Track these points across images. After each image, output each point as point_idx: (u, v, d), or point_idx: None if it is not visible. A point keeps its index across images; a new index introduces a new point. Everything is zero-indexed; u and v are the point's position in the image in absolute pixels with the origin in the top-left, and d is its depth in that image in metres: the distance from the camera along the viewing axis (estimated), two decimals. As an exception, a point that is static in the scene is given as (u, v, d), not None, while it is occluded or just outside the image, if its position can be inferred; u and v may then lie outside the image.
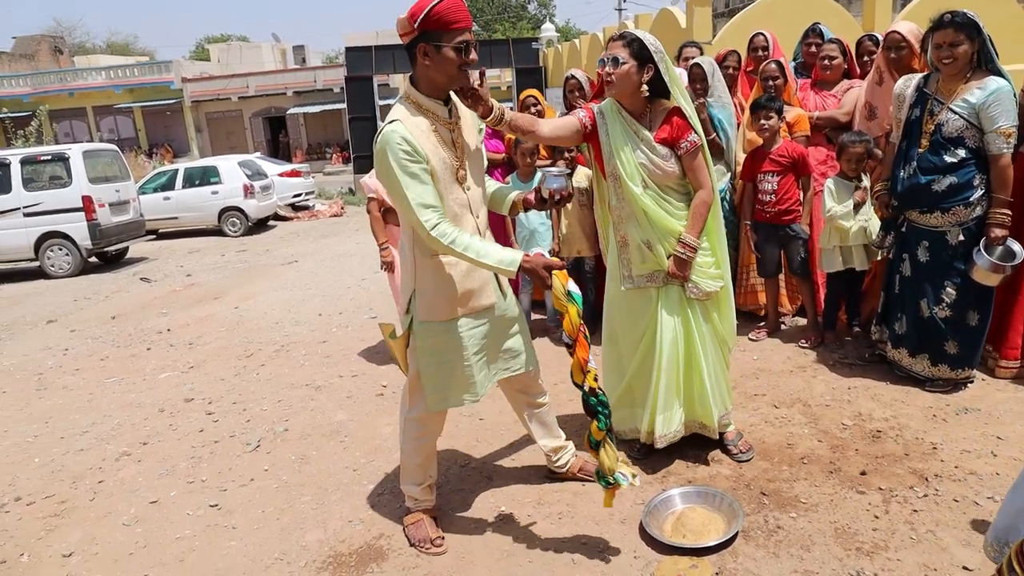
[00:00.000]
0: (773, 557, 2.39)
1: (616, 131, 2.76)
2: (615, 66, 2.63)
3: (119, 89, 27.66)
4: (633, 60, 2.62)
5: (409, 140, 2.18)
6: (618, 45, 2.65)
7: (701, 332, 2.87)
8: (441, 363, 2.45)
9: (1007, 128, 3.15)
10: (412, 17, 2.15)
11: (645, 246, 2.82)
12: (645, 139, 2.72)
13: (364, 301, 6.52)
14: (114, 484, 3.30)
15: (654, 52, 2.62)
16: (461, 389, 2.49)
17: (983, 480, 2.75)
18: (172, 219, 12.92)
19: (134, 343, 5.80)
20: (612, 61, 2.64)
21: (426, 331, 2.42)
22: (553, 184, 2.46)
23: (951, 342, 3.44)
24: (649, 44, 2.63)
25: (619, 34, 2.69)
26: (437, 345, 2.43)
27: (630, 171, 2.74)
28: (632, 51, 2.62)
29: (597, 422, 2.34)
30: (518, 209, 2.61)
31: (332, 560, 2.57)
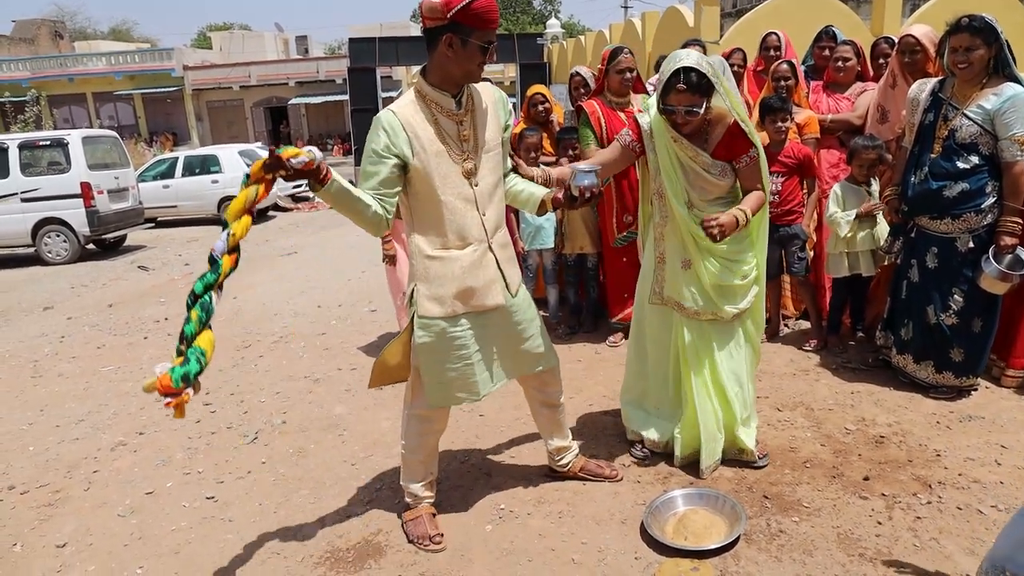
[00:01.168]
0: (775, 561, 2.36)
1: (666, 151, 2.73)
2: (690, 116, 2.60)
3: (119, 75, 27.55)
4: (704, 99, 2.59)
5: (392, 129, 2.20)
6: (688, 93, 2.56)
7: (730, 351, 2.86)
8: (440, 360, 2.41)
9: (1021, 135, 3.11)
10: (447, 6, 2.10)
11: (683, 266, 2.80)
12: (702, 160, 2.69)
13: (364, 294, 6.49)
14: (109, 474, 3.27)
15: (713, 80, 2.56)
16: (459, 388, 2.45)
17: (987, 488, 2.72)
18: (171, 207, 12.87)
19: (131, 331, 5.77)
20: (688, 111, 2.59)
21: (426, 326, 2.38)
22: (584, 181, 2.38)
23: (956, 349, 3.42)
24: (711, 77, 2.56)
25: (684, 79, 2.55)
26: (436, 342, 2.39)
27: (676, 191, 2.72)
28: (703, 93, 2.57)
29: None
30: (547, 208, 2.56)
31: (329, 555, 2.54)
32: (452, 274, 2.34)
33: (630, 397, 3.13)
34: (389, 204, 2.25)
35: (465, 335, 2.39)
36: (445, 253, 2.34)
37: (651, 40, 9.04)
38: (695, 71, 2.54)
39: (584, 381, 3.98)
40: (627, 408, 3.14)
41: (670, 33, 8.00)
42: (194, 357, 2.01)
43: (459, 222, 2.32)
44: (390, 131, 2.21)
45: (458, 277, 2.34)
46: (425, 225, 2.34)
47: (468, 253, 2.35)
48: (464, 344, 2.39)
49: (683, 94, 2.56)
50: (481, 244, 2.38)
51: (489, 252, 2.40)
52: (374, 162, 2.22)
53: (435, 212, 2.31)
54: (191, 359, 2.00)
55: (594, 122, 4.19)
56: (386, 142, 2.20)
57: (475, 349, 2.42)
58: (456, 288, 2.34)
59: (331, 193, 2.13)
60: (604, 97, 4.23)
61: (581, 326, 4.83)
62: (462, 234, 2.34)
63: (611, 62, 4.12)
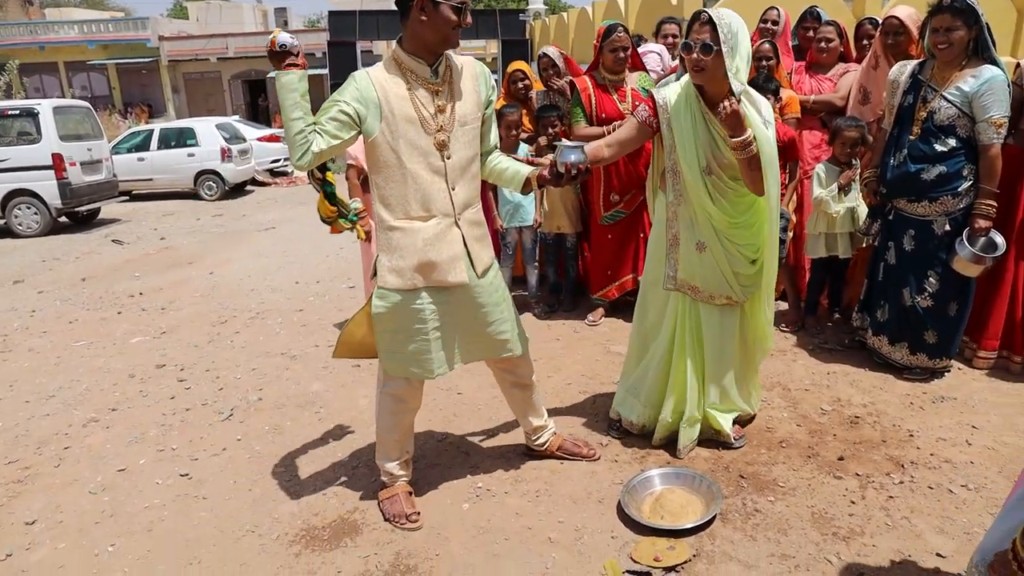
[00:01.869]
0: (750, 540, 2.38)
1: (684, 122, 2.65)
2: (706, 53, 2.46)
3: (92, 44, 26.81)
4: (720, 45, 2.47)
5: (363, 86, 2.20)
6: (707, 30, 2.48)
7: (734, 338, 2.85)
8: (396, 332, 2.37)
9: (998, 118, 3.13)
10: None
11: (698, 248, 2.75)
12: (718, 131, 2.60)
13: (342, 270, 6.42)
14: (81, 451, 3.22)
15: (723, 41, 2.44)
16: (413, 362, 2.41)
17: (957, 468, 2.77)
18: (147, 180, 12.61)
19: (105, 306, 5.66)
20: (703, 48, 2.46)
21: (384, 296, 2.35)
22: (570, 157, 2.34)
23: (930, 331, 3.46)
24: (722, 31, 2.45)
25: (706, 17, 2.50)
26: (393, 313, 2.35)
27: (691, 160, 2.64)
28: (718, 36, 2.46)
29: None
30: (532, 186, 2.51)
31: (305, 533, 2.52)
32: (414, 246, 2.29)
33: (628, 383, 3.08)
34: (323, 140, 2.18)
35: (424, 309, 2.35)
36: (407, 224, 2.30)
37: (634, 18, 8.96)
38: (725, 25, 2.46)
39: (563, 360, 3.98)
40: (621, 391, 3.11)
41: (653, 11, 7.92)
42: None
43: (424, 192, 2.28)
44: (362, 87, 2.20)
45: (419, 249, 2.30)
46: (388, 195, 2.29)
47: (431, 225, 2.31)
48: (423, 319, 2.35)
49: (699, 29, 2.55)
50: (447, 218, 2.33)
51: (455, 227, 2.35)
52: (331, 104, 2.20)
53: (399, 181, 2.27)
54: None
55: (584, 100, 4.14)
56: (353, 94, 2.19)
57: (434, 326, 2.37)
58: (417, 260, 2.30)
59: (281, 83, 2.17)
60: (598, 74, 4.19)
61: (560, 305, 4.82)
62: (426, 205, 2.29)
63: (605, 40, 4.06)
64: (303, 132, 2.16)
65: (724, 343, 2.84)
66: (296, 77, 2.17)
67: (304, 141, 2.16)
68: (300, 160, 2.19)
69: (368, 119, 2.21)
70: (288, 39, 2.18)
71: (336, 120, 2.18)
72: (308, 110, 2.18)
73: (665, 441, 2.96)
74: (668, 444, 2.96)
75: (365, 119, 2.20)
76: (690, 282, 2.80)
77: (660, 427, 2.94)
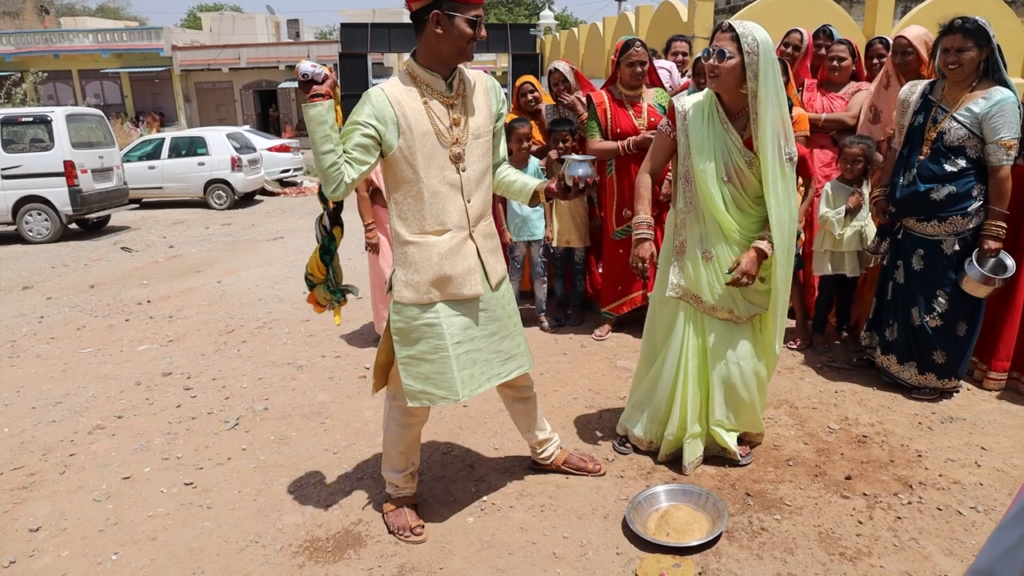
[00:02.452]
0: (756, 559, 2.36)
1: (699, 130, 2.67)
2: (720, 59, 2.50)
3: (106, 54, 27.12)
4: (740, 56, 2.49)
5: (379, 104, 2.19)
6: (726, 38, 2.51)
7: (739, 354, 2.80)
8: (413, 347, 2.35)
9: (1008, 140, 3.12)
10: None
11: (703, 257, 2.75)
12: (735, 140, 2.63)
13: (350, 281, 6.41)
14: (86, 458, 3.22)
15: (747, 52, 2.46)
16: (436, 383, 2.36)
17: (966, 490, 2.74)
18: (157, 189, 12.72)
19: (112, 313, 5.69)
20: (718, 54, 2.51)
21: (399, 311, 2.35)
22: (578, 171, 2.36)
23: (939, 351, 3.44)
24: (746, 41, 2.47)
25: (727, 25, 2.54)
26: (409, 327, 2.34)
27: (707, 167, 2.65)
28: (739, 46, 2.48)
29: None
30: (540, 199, 2.53)
31: (309, 544, 2.51)
32: (429, 260, 2.30)
33: (635, 398, 3.06)
34: (353, 170, 2.18)
35: (440, 323, 2.34)
36: (422, 239, 2.30)
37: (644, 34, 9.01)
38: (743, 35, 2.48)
39: (569, 374, 3.97)
40: (629, 407, 3.09)
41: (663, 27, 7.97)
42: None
43: (440, 207, 2.29)
44: (378, 105, 2.20)
45: (435, 264, 2.30)
46: (405, 210, 2.30)
47: (446, 240, 2.31)
48: (439, 333, 2.34)
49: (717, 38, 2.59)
50: (461, 231, 2.34)
51: (470, 240, 2.36)
52: (352, 128, 2.19)
53: (415, 196, 2.27)
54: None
55: (600, 114, 4.17)
56: (371, 112, 2.18)
57: (452, 341, 2.35)
58: (433, 275, 2.30)
59: (309, 116, 2.12)
60: (615, 89, 4.21)
61: (568, 319, 4.82)
62: (441, 219, 2.30)
63: (623, 54, 4.08)
64: (336, 164, 2.15)
65: (730, 360, 2.80)
66: (324, 108, 2.12)
67: (338, 174, 2.16)
68: (335, 192, 2.19)
69: (387, 136, 2.21)
70: (309, 68, 2.13)
71: (361, 146, 2.18)
72: (338, 140, 2.16)
73: (671, 457, 2.95)
74: (674, 460, 2.94)
75: (384, 137, 2.21)
76: (693, 291, 2.79)
77: (666, 443, 2.93)
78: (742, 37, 2.47)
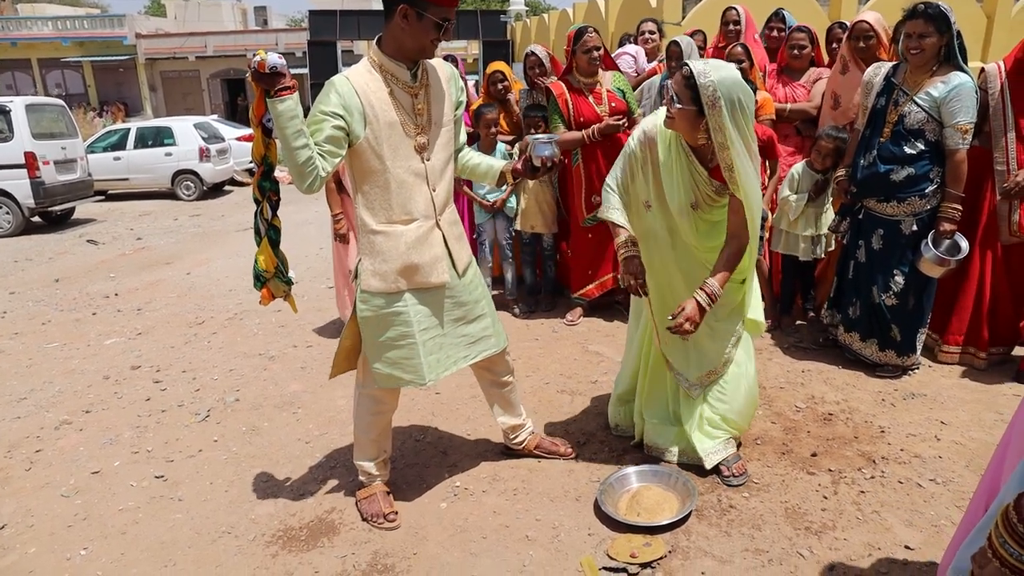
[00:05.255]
0: (725, 536, 2.41)
1: (669, 164, 2.54)
2: (672, 104, 2.37)
3: (67, 42, 26.41)
4: (691, 106, 2.32)
5: (345, 93, 2.15)
6: (682, 83, 2.34)
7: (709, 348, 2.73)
8: (381, 335, 2.36)
9: (964, 124, 3.19)
10: None
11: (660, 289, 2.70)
12: (700, 174, 2.50)
13: (321, 270, 6.39)
14: (53, 453, 3.18)
15: (706, 104, 2.29)
16: (404, 368, 2.38)
17: (926, 463, 2.82)
18: (123, 180, 12.44)
19: (79, 307, 5.59)
20: (671, 99, 2.37)
21: (367, 300, 2.35)
22: (544, 151, 2.40)
23: (896, 329, 3.53)
24: (705, 93, 2.28)
25: (687, 71, 2.33)
26: (378, 316, 2.35)
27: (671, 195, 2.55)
28: (692, 95, 2.31)
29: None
30: (506, 179, 2.55)
31: (282, 534, 2.51)
32: (396, 249, 2.30)
33: (620, 390, 3.06)
34: (328, 163, 2.15)
35: (407, 311, 2.35)
36: (390, 228, 2.30)
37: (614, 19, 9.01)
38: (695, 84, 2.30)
39: (541, 360, 3.99)
40: (613, 399, 3.09)
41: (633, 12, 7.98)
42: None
43: (406, 196, 2.29)
44: (344, 94, 2.16)
45: (402, 253, 2.30)
46: (371, 199, 2.29)
47: (413, 229, 2.31)
48: (406, 321, 2.35)
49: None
50: (428, 220, 2.34)
51: (437, 229, 2.37)
52: (321, 119, 2.14)
53: (382, 186, 2.27)
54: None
55: (561, 104, 4.18)
56: (338, 102, 2.15)
57: (420, 328, 2.37)
58: (400, 264, 2.30)
59: (279, 110, 2.05)
60: (572, 78, 4.22)
61: (539, 305, 4.84)
62: (408, 208, 2.30)
63: (576, 43, 4.10)
64: (311, 159, 2.10)
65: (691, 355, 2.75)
66: (294, 102, 2.06)
67: (312, 168, 2.11)
68: (309, 187, 2.14)
69: (353, 126, 2.19)
70: (278, 60, 2.04)
71: (333, 139, 2.15)
72: (307, 132, 2.11)
73: (642, 440, 2.99)
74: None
75: (351, 126, 2.18)
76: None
77: (636, 427, 2.97)
78: (701, 90, 2.28)
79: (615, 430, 3.07)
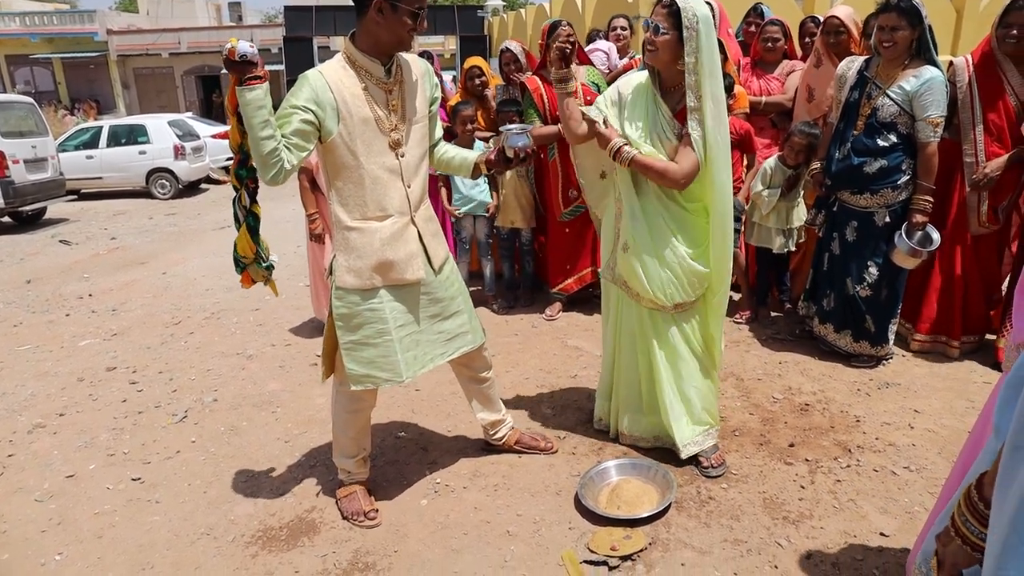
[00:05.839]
0: (704, 527, 2.44)
1: (634, 104, 2.64)
2: (656, 34, 2.47)
3: (35, 38, 25.92)
4: (674, 31, 2.44)
5: (318, 87, 2.15)
6: (663, 13, 2.45)
7: (667, 344, 2.74)
8: (357, 332, 2.34)
9: (935, 117, 3.24)
10: None
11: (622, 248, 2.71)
12: (664, 112, 2.59)
13: (299, 268, 6.33)
14: (26, 457, 3.13)
15: (686, 27, 2.40)
16: (380, 367, 2.36)
17: (900, 451, 2.87)
18: (96, 179, 12.23)
19: (52, 309, 5.50)
20: (654, 29, 2.47)
21: (342, 296, 2.34)
22: (518, 142, 2.42)
23: (869, 320, 3.58)
24: (686, 16, 2.40)
25: (667, 0, 2.45)
26: (353, 313, 2.33)
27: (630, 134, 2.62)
28: (674, 22, 2.43)
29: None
30: (481, 171, 2.57)
31: (262, 534, 2.50)
32: (371, 246, 2.29)
33: (602, 385, 3.05)
34: (294, 156, 2.13)
35: (383, 308, 2.34)
36: (364, 224, 2.29)
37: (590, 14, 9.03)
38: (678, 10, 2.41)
39: (520, 355, 4.00)
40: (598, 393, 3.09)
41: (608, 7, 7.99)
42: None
43: (381, 192, 2.28)
44: (317, 89, 2.15)
45: (377, 249, 2.29)
46: (345, 195, 2.28)
47: (388, 225, 2.30)
48: (383, 318, 2.34)
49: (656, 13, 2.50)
50: (403, 216, 2.33)
51: (412, 225, 2.36)
52: (290, 113, 2.13)
53: (357, 182, 2.25)
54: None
55: (536, 99, 4.18)
56: (310, 96, 2.14)
57: (395, 324, 2.36)
58: (375, 260, 2.29)
59: (247, 99, 2.04)
60: (547, 72, 4.21)
61: (518, 300, 4.84)
62: (383, 205, 2.29)
63: (550, 37, 4.09)
64: (276, 151, 2.08)
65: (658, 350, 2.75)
66: (262, 92, 2.06)
67: (277, 160, 2.09)
68: (273, 179, 2.12)
69: (325, 121, 2.17)
70: (248, 49, 2.04)
71: (300, 132, 2.13)
72: (274, 124, 2.10)
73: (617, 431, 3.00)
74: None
75: (323, 122, 2.17)
76: (623, 277, 2.75)
77: (612, 420, 2.99)
78: (683, 11, 2.40)
79: (598, 423, 3.08)
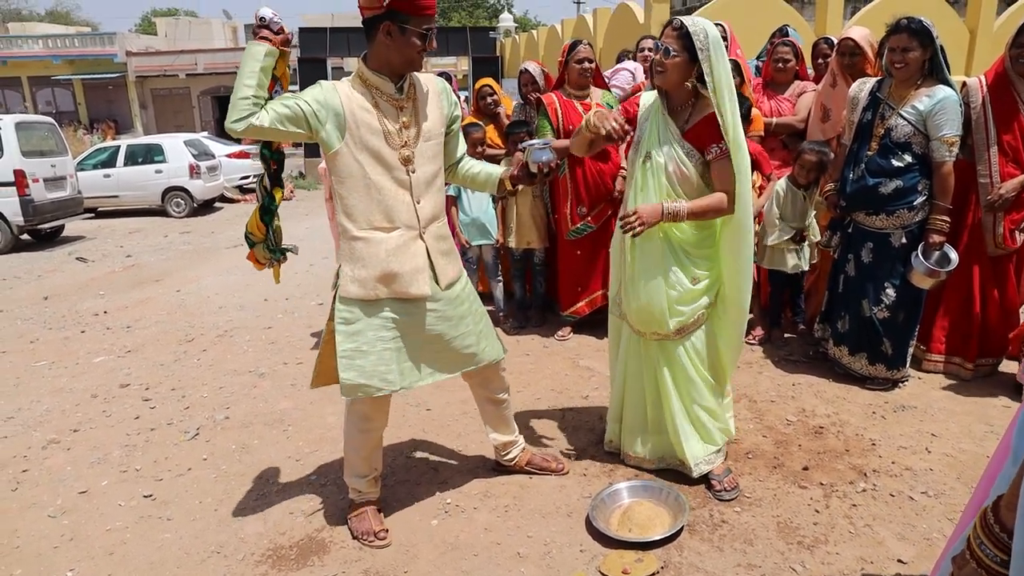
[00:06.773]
0: (717, 551, 2.41)
1: (646, 122, 2.69)
2: (666, 56, 2.52)
3: (58, 60, 26.45)
4: (684, 53, 2.49)
5: (328, 94, 2.20)
6: (673, 35, 2.51)
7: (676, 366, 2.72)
8: (355, 340, 2.33)
9: (950, 137, 3.23)
10: None
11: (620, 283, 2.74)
12: (674, 132, 2.62)
13: (312, 287, 6.37)
14: (40, 473, 3.14)
15: (699, 49, 2.45)
16: (371, 375, 2.33)
17: (918, 476, 2.83)
18: (113, 197, 12.41)
19: (68, 325, 5.55)
20: (664, 51, 2.52)
21: (345, 307, 2.34)
22: (542, 157, 2.43)
23: (886, 342, 3.54)
24: (698, 39, 2.45)
25: (678, 23, 2.52)
26: (353, 322, 2.33)
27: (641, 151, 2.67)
28: (683, 44, 2.48)
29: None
30: (506, 187, 2.58)
31: (272, 553, 2.49)
32: (376, 256, 2.29)
33: (613, 407, 3.02)
34: (266, 116, 2.12)
35: (384, 319, 2.34)
36: (370, 234, 2.30)
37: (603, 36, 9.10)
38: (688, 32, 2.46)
39: (532, 376, 3.99)
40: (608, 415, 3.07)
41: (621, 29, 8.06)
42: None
43: (388, 204, 2.29)
44: (326, 92, 2.21)
45: (382, 260, 2.29)
46: (351, 205, 2.29)
47: (395, 237, 2.31)
48: (383, 327, 2.34)
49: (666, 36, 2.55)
50: (411, 230, 2.33)
51: (419, 240, 2.36)
52: (290, 97, 2.18)
53: (363, 192, 2.27)
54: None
55: (551, 113, 4.21)
56: (316, 96, 2.19)
57: (393, 336, 2.36)
58: (379, 271, 2.29)
59: (249, 51, 2.14)
60: (564, 90, 4.27)
61: (529, 321, 4.84)
62: (390, 216, 2.30)
63: (570, 54, 4.17)
64: (249, 99, 2.10)
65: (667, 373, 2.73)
66: (263, 49, 2.13)
67: (247, 108, 2.10)
68: (235, 124, 2.11)
69: (327, 126, 2.20)
70: (268, 13, 2.18)
71: (288, 108, 2.16)
72: (264, 86, 2.14)
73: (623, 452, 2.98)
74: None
75: (323, 125, 2.19)
76: (626, 310, 2.76)
77: (622, 443, 2.97)
78: (694, 36, 2.44)
79: (608, 445, 3.06)
